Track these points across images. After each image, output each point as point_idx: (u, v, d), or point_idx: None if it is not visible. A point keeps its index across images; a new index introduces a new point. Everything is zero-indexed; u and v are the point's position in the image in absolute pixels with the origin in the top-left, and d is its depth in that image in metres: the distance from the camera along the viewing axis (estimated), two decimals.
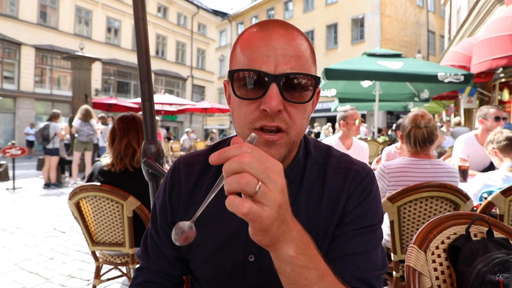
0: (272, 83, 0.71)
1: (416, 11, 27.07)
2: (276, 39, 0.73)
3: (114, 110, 15.12)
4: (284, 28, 0.76)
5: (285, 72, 0.72)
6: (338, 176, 0.89)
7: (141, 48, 1.70)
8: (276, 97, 0.71)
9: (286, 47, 0.73)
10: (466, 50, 9.10)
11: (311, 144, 0.95)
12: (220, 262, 0.89)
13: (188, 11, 30.92)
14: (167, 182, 0.99)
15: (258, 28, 0.77)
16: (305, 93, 0.75)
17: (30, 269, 3.62)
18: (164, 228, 0.98)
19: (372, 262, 0.82)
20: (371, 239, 0.85)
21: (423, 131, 2.25)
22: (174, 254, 0.97)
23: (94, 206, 2.32)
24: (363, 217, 0.85)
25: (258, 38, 0.75)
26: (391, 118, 24.81)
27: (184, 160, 1.00)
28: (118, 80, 25.51)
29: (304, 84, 0.74)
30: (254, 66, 0.73)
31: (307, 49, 0.78)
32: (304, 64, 0.75)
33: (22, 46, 19.85)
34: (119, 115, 2.52)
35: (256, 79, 0.73)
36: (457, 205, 2.02)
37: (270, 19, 0.79)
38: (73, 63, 12.61)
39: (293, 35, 0.76)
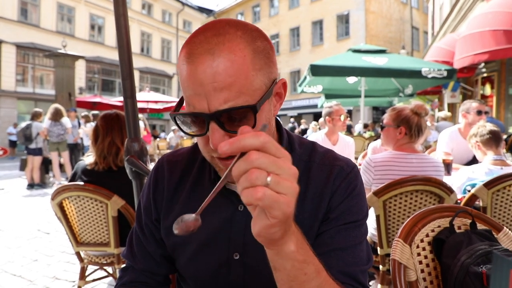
0: (210, 122, 0.68)
1: (400, 8, 27.36)
2: (202, 72, 0.67)
3: (98, 109, 14.91)
4: (210, 54, 0.67)
5: (218, 110, 0.67)
6: (322, 172, 0.88)
7: (123, 45, 1.67)
8: (217, 135, 0.68)
9: (215, 80, 0.66)
10: (449, 46, 9.24)
11: (295, 141, 0.94)
12: (205, 261, 0.89)
13: (173, 8, 30.66)
14: (151, 180, 0.98)
15: (186, 58, 0.70)
16: (246, 120, 0.69)
17: (14, 271, 3.54)
18: (149, 226, 0.97)
19: (357, 256, 0.83)
20: (356, 234, 0.84)
21: (423, 120, 2.29)
22: (160, 253, 0.96)
23: (78, 206, 2.28)
24: (348, 213, 0.85)
25: (187, 73, 0.69)
26: (376, 114, 25.07)
27: (168, 158, 1.00)
28: (102, 78, 25.18)
29: (242, 113, 0.69)
30: (189, 106, 0.71)
31: (245, 63, 0.69)
32: (240, 89, 0.68)
33: (3, 44, 19.41)
34: (103, 113, 2.47)
35: (195, 120, 0.71)
36: (441, 198, 2.04)
37: (199, 39, 0.70)
38: (56, 61, 12.39)
39: (221, 60, 0.67)
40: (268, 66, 0.74)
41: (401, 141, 2.31)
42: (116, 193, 2.17)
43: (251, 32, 0.73)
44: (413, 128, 2.26)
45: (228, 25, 0.71)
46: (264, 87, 0.72)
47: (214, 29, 0.71)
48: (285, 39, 29.76)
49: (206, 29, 0.71)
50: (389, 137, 2.36)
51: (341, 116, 3.57)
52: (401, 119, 2.29)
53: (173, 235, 0.90)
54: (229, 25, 0.72)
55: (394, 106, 2.45)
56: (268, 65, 0.74)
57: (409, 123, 2.27)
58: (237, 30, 0.71)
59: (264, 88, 0.72)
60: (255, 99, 0.70)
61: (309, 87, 9.17)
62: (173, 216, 0.91)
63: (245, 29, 0.72)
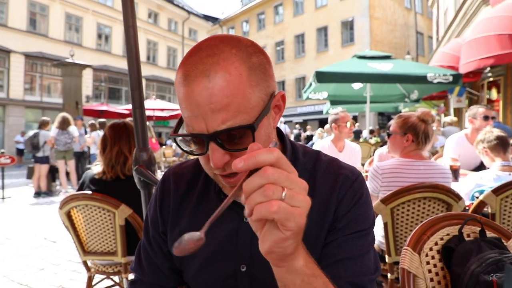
0: (210, 142, 0.69)
1: (404, 13, 27.37)
2: (199, 94, 0.67)
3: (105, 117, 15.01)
4: (205, 76, 0.67)
5: (217, 130, 0.68)
6: (327, 181, 0.88)
7: (132, 55, 1.69)
8: (217, 155, 0.69)
9: (211, 102, 0.67)
10: (454, 51, 9.21)
11: (299, 151, 0.94)
12: (212, 273, 0.89)
13: (179, 16, 30.93)
14: (157, 193, 0.99)
15: (182, 79, 0.70)
16: (245, 138, 0.70)
17: (20, 280, 3.56)
18: (157, 239, 0.97)
19: (365, 266, 0.82)
20: (363, 243, 0.84)
21: (430, 127, 2.28)
22: (168, 265, 0.97)
23: (86, 215, 2.29)
24: (355, 222, 0.84)
25: (183, 95, 0.70)
26: (382, 119, 24.98)
27: (174, 170, 1.00)
28: (109, 87, 25.39)
29: (241, 132, 0.70)
30: (188, 127, 0.72)
31: (241, 83, 0.69)
32: (237, 108, 0.68)
33: (12, 53, 19.69)
34: (111, 123, 2.49)
35: (195, 141, 0.73)
36: (449, 205, 2.03)
37: (194, 60, 0.70)
38: (64, 70, 12.53)
39: (217, 81, 0.67)
40: (265, 80, 0.74)
41: (408, 148, 2.30)
42: (124, 202, 2.18)
43: (246, 48, 0.73)
44: (420, 135, 2.25)
45: (222, 43, 0.71)
46: (262, 103, 0.73)
47: (209, 48, 0.70)
48: (290, 46, 29.85)
49: (200, 49, 0.71)
50: (396, 145, 2.35)
51: (347, 123, 3.57)
52: (408, 127, 2.28)
53: None
54: (223, 43, 0.72)
55: (400, 113, 2.44)
56: (264, 79, 0.74)
57: (416, 131, 2.26)
58: (231, 48, 0.71)
59: (261, 104, 0.72)
60: (253, 117, 0.70)
61: (315, 93, 9.17)
62: (180, 229, 0.91)
63: (239, 46, 0.72)
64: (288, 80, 30.08)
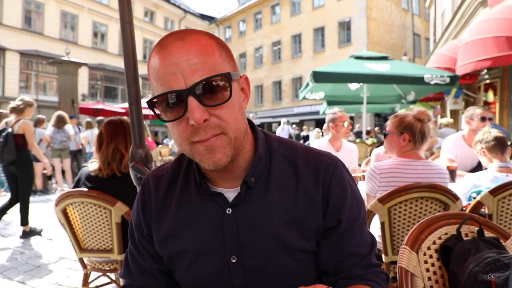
0: (188, 97, 0.72)
1: (402, 14, 27.46)
2: (175, 53, 0.72)
3: (101, 115, 14.94)
4: (180, 39, 0.74)
5: (195, 82, 0.72)
6: (309, 167, 0.91)
7: (128, 51, 1.68)
8: (197, 109, 0.72)
9: (188, 58, 0.72)
10: (451, 52, 9.25)
11: (273, 140, 0.96)
12: (203, 268, 0.89)
13: (175, 15, 30.87)
14: (139, 197, 1.00)
15: (157, 50, 0.76)
16: (224, 92, 0.75)
17: (17, 278, 3.53)
18: (143, 242, 0.98)
19: (367, 244, 0.93)
20: (361, 224, 0.92)
21: (426, 126, 2.28)
22: (156, 267, 0.97)
23: (82, 213, 2.28)
24: (350, 209, 0.89)
25: (160, 60, 0.74)
26: (379, 120, 25.06)
27: (153, 173, 1.02)
28: (105, 85, 25.29)
29: (218, 85, 0.74)
30: (166, 88, 0.74)
31: (213, 48, 0.76)
32: (212, 66, 0.74)
33: (7, 51, 19.56)
34: (107, 119, 2.48)
35: (174, 100, 0.74)
36: (446, 205, 2.03)
37: (168, 34, 0.78)
38: (59, 68, 12.45)
39: (192, 43, 0.74)
40: (231, 60, 0.81)
41: (405, 148, 2.29)
42: (120, 200, 2.17)
43: (213, 34, 0.81)
44: (416, 134, 2.25)
45: (193, 30, 0.79)
46: (227, 78, 0.76)
47: (181, 32, 0.78)
48: (287, 46, 29.87)
49: (174, 32, 0.79)
50: (392, 144, 2.35)
51: (345, 123, 3.57)
52: (404, 126, 2.28)
53: (168, 247, 0.93)
54: (193, 30, 0.79)
55: (396, 113, 2.44)
56: (231, 59, 0.81)
57: (412, 130, 2.26)
58: (200, 32, 0.79)
59: (227, 79, 0.76)
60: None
61: (311, 93, 9.18)
62: (165, 229, 0.93)
63: (207, 33, 0.80)
64: (284, 80, 30.09)
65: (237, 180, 0.89)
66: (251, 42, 33.33)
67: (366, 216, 0.98)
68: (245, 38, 33.96)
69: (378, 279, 0.91)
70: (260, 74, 32.23)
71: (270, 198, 0.88)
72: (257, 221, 0.87)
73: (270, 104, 31.81)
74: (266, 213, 0.87)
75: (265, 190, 0.88)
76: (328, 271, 0.90)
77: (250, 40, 33.39)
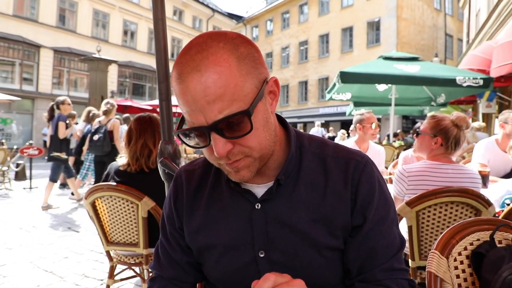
0: (211, 133, 0.73)
1: (434, 14, 26.76)
2: (193, 89, 0.71)
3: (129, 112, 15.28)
4: (197, 71, 0.71)
5: (215, 120, 0.72)
6: (338, 165, 0.91)
7: (160, 48, 1.70)
8: (219, 143, 0.74)
9: (206, 94, 0.70)
10: (486, 54, 8.92)
11: (305, 138, 0.97)
12: (231, 262, 0.91)
13: (203, 14, 31.20)
14: (171, 191, 1.02)
15: (175, 78, 0.74)
16: (245, 125, 0.74)
17: (45, 267, 3.66)
18: (174, 235, 1.00)
19: (394, 246, 0.90)
20: (389, 225, 0.91)
21: (463, 133, 2.19)
22: (186, 260, 0.99)
23: (109, 206, 2.34)
24: (377, 208, 0.89)
25: (179, 93, 0.74)
26: (406, 123, 24.52)
27: (185, 167, 1.04)
28: (133, 82, 25.84)
29: (238, 119, 0.73)
30: (188, 119, 0.76)
31: (232, 71, 0.72)
32: (232, 97, 0.71)
33: (41, 48, 20.31)
34: (136, 116, 2.53)
35: (197, 134, 0.76)
36: (478, 211, 1.96)
37: (185, 59, 0.73)
38: (90, 65, 12.80)
39: (209, 75, 0.70)
40: (256, 68, 0.77)
41: (435, 151, 2.22)
42: (147, 195, 2.21)
43: (233, 40, 0.75)
44: (450, 140, 2.17)
45: (210, 39, 0.75)
46: (255, 89, 0.76)
47: (197, 46, 0.74)
48: (314, 46, 29.65)
49: (190, 48, 0.75)
50: (423, 145, 2.28)
51: (372, 124, 3.51)
52: (439, 129, 2.20)
53: (198, 240, 0.94)
54: (211, 38, 0.75)
55: (434, 113, 2.34)
56: (255, 67, 0.76)
57: (447, 135, 2.17)
58: (219, 42, 0.74)
59: (255, 91, 0.75)
60: (247, 103, 0.73)
61: (338, 94, 9.07)
62: (196, 222, 0.95)
63: (226, 39, 0.75)
64: (311, 80, 29.89)
65: (267, 177, 0.91)
66: (278, 42, 33.28)
67: (397, 218, 0.95)
68: (272, 38, 33.93)
69: (398, 286, 0.88)
70: (286, 74, 32.13)
71: (299, 195, 0.89)
72: (285, 217, 0.88)
73: (295, 104, 31.67)
74: (294, 210, 0.88)
75: (294, 187, 0.89)
76: (352, 271, 0.90)
77: (277, 40, 33.34)
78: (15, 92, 17.81)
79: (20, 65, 19.79)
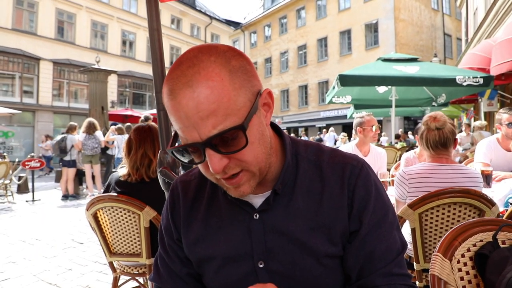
0: (205, 149, 0.72)
1: (431, 14, 26.82)
2: (186, 105, 0.69)
3: (129, 121, 15.34)
4: (189, 87, 0.69)
5: (209, 136, 0.70)
6: (334, 171, 0.90)
7: (156, 58, 1.70)
8: (214, 160, 0.72)
9: (198, 110, 0.68)
10: (485, 52, 8.92)
11: (300, 144, 0.96)
12: (231, 273, 0.90)
13: (201, 22, 31.33)
14: (168, 202, 1.01)
15: (167, 94, 0.72)
16: (240, 140, 0.72)
17: (49, 280, 3.65)
18: (172, 246, 0.99)
19: (393, 250, 0.88)
20: (388, 228, 0.89)
21: (435, 133, 2.17)
22: (186, 271, 0.98)
23: (111, 217, 2.33)
24: (373, 211, 0.87)
25: (172, 109, 0.72)
26: (408, 124, 24.49)
27: (181, 178, 1.03)
28: (133, 92, 25.90)
29: (233, 134, 0.71)
30: (183, 138, 0.75)
31: (224, 85, 0.70)
32: (225, 111, 0.70)
33: (41, 61, 20.39)
34: (135, 126, 2.53)
35: (191, 150, 0.75)
36: (481, 211, 1.94)
37: (175, 75, 0.71)
38: (90, 76, 12.87)
39: (200, 90, 0.68)
40: (248, 81, 0.75)
41: (427, 152, 2.25)
42: (148, 204, 2.20)
43: (224, 53, 0.74)
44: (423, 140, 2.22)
45: (201, 53, 0.73)
46: (249, 103, 0.74)
47: (188, 60, 0.72)
48: (313, 50, 29.73)
49: (181, 63, 0.73)
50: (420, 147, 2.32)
51: (373, 127, 3.50)
52: (417, 131, 2.26)
53: (196, 252, 0.93)
54: (202, 52, 0.73)
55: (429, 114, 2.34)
56: (248, 80, 0.75)
57: (421, 136, 2.24)
58: (210, 56, 0.72)
59: (249, 104, 0.74)
60: (241, 117, 0.72)
61: (338, 97, 9.06)
62: (194, 233, 0.94)
63: (217, 53, 0.73)
64: (310, 84, 29.94)
65: (264, 187, 0.90)
66: (276, 47, 33.39)
67: (397, 221, 0.93)
68: (271, 43, 34.05)
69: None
70: (286, 79, 32.21)
71: (296, 203, 0.88)
72: (283, 226, 0.87)
73: (296, 108, 31.70)
74: (291, 219, 0.87)
75: (291, 196, 0.89)
76: (352, 276, 0.89)
77: (276, 45, 33.45)
78: (16, 105, 17.87)
79: (20, 78, 19.87)
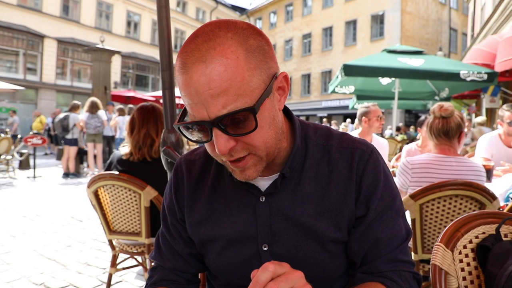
0: (213, 129, 0.69)
1: (438, 8, 26.52)
2: (197, 80, 0.66)
3: (132, 103, 15.30)
4: (202, 62, 0.66)
5: (218, 116, 0.67)
6: (343, 155, 0.88)
7: (163, 36, 1.68)
8: (221, 141, 0.69)
9: (210, 87, 0.66)
10: (490, 48, 8.83)
11: (310, 128, 0.94)
12: (234, 255, 0.89)
13: (207, 6, 31.02)
14: (171, 181, 1.00)
15: (179, 67, 0.69)
16: (248, 122, 0.69)
17: (48, 255, 3.68)
18: (175, 225, 0.98)
19: (398, 237, 0.87)
20: (394, 215, 0.87)
21: (439, 121, 2.18)
22: (188, 251, 0.97)
23: (112, 195, 2.33)
24: (381, 198, 0.86)
25: (183, 83, 0.69)
26: (409, 117, 24.43)
27: (185, 157, 1.01)
28: (136, 74, 25.81)
29: (242, 116, 0.68)
30: (191, 115, 0.72)
31: (239, 64, 0.67)
32: (236, 92, 0.67)
33: (45, 38, 20.27)
34: (139, 105, 2.52)
35: (199, 128, 0.72)
36: (482, 204, 1.95)
37: (190, 48, 0.68)
38: (94, 56, 12.80)
39: (214, 67, 0.66)
40: (265, 62, 0.72)
41: (431, 141, 2.26)
42: (150, 184, 2.21)
43: (242, 31, 0.70)
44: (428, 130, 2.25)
45: (218, 28, 0.70)
46: (263, 85, 0.71)
47: (204, 34, 0.69)
48: (318, 39, 29.47)
49: (197, 36, 0.70)
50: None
51: (378, 117, 3.49)
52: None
53: (200, 233, 0.92)
54: (219, 27, 0.70)
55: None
56: (264, 61, 0.72)
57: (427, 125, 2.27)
58: (227, 31, 0.69)
59: (263, 86, 0.71)
60: (254, 99, 0.69)
61: (341, 87, 9.01)
62: (198, 214, 0.93)
63: (235, 29, 0.70)
64: (313, 74, 29.76)
65: (271, 170, 0.88)
66: (281, 34, 33.09)
67: (403, 209, 0.92)
68: (276, 30, 33.74)
69: (401, 279, 0.85)
70: (289, 67, 32.00)
71: (304, 187, 0.86)
72: (289, 210, 0.86)
73: (298, 97, 31.58)
74: (298, 203, 0.86)
75: (299, 180, 0.87)
76: (356, 262, 0.88)
77: (281, 32, 33.15)
78: (19, 82, 17.83)
79: (24, 55, 19.77)
